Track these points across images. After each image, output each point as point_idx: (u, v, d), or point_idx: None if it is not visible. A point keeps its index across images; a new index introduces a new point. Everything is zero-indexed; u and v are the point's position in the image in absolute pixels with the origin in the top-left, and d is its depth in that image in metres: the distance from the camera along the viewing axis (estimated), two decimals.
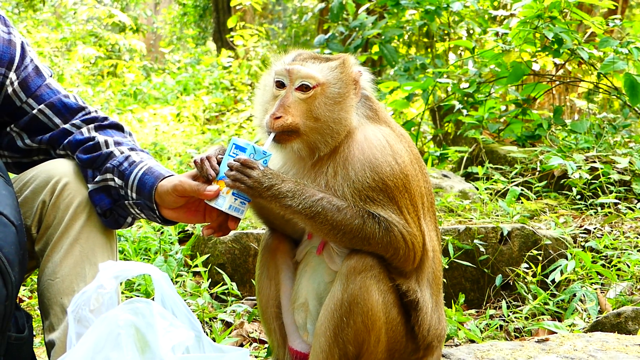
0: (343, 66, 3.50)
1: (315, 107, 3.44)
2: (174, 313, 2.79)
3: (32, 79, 3.58)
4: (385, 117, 3.63)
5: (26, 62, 3.58)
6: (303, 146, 3.49)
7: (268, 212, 3.66)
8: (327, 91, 3.45)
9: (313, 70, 3.46)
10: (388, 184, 3.38)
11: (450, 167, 9.16)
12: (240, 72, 17.44)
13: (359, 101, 3.55)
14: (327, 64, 3.49)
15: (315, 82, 3.44)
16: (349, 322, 3.35)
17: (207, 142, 12.94)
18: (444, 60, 11.99)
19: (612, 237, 5.85)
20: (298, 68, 3.46)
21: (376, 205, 3.37)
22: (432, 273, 3.62)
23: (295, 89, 3.46)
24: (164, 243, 5.73)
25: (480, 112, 8.92)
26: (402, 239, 3.36)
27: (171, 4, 32.49)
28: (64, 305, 3.32)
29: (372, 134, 3.48)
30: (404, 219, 3.39)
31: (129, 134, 3.67)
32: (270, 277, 3.78)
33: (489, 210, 6.39)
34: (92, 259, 3.40)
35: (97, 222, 3.46)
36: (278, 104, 3.45)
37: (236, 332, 4.87)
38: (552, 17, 8.31)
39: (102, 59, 21.31)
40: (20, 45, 3.58)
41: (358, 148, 3.44)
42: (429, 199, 3.66)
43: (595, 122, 8.55)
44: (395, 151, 3.45)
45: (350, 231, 3.32)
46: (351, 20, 12.33)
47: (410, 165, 3.50)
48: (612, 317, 4.49)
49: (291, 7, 30.38)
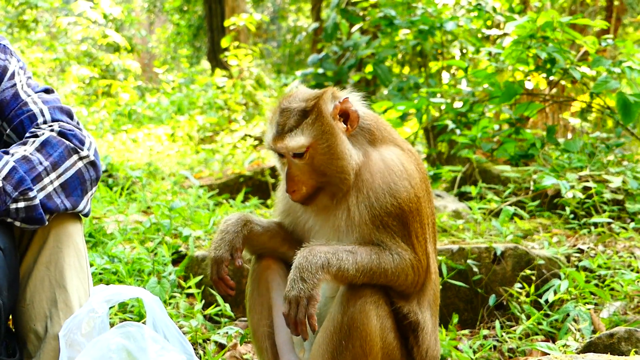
0: (320, 116, 3.48)
1: (316, 166, 3.48)
2: (165, 336, 2.79)
3: (8, 103, 3.56)
4: (389, 135, 3.64)
5: (7, 86, 3.57)
6: (325, 197, 3.55)
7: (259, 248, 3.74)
8: (318, 149, 3.47)
9: (298, 139, 3.46)
10: (404, 209, 3.42)
11: (443, 186, 9.16)
12: (234, 91, 17.45)
13: (355, 128, 3.56)
14: (305, 121, 3.47)
15: (304, 148, 3.46)
16: (348, 345, 3.35)
17: (201, 161, 12.94)
18: (437, 79, 12.02)
19: (606, 257, 5.85)
20: (284, 145, 3.48)
21: (387, 232, 3.40)
22: (433, 294, 3.65)
23: (292, 157, 3.50)
24: (157, 264, 5.72)
25: (474, 131, 8.93)
26: (410, 266, 3.40)
27: (165, 24, 32.61)
28: (38, 331, 3.30)
29: (389, 157, 3.52)
30: (411, 245, 3.43)
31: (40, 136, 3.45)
32: (262, 295, 3.79)
33: (483, 230, 6.39)
34: (60, 281, 3.35)
35: (63, 242, 3.41)
36: (286, 180, 3.53)
37: (229, 353, 4.85)
38: (544, 36, 8.35)
39: (97, 79, 21.31)
40: (10, 71, 3.58)
41: (378, 174, 3.47)
42: (432, 219, 3.68)
43: (588, 141, 8.57)
44: (409, 174, 3.49)
45: (368, 271, 3.36)
46: (345, 40, 12.40)
47: (420, 185, 3.53)
48: (605, 338, 4.47)
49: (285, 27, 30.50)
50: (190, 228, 6.44)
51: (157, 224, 6.55)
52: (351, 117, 3.53)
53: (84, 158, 3.46)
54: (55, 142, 3.40)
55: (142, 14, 31.92)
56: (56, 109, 3.57)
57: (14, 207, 3.22)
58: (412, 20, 11.29)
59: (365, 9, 12.81)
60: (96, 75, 21.31)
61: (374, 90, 14.55)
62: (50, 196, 3.31)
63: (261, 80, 18.38)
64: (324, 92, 3.56)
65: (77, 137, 3.47)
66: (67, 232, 3.44)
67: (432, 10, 11.52)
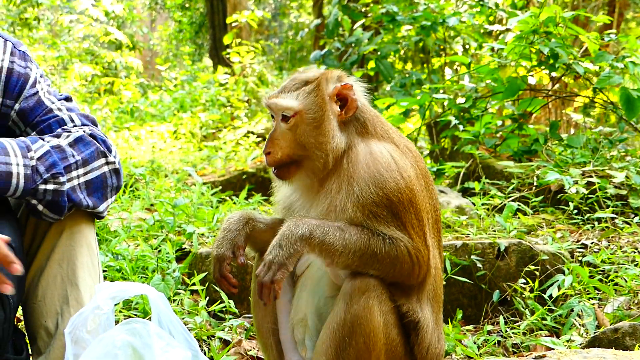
0: (318, 89, 3.52)
1: (298, 135, 3.50)
2: (170, 333, 2.79)
3: (32, 110, 3.56)
4: (384, 133, 3.61)
5: (30, 93, 3.58)
6: (303, 175, 3.55)
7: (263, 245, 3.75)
8: (304, 118, 3.49)
9: (288, 101, 3.50)
10: (392, 200, 3.38)
11: (447, 182, 9.16)
12: (236, 88, 17.45)
13: (351, 115, 3.56)
14: (303, 88, 3.53)
15: (292, 112, 3.49)
16: (351, 342, 3.34)
17: (204, 159, 12.95)
18: (440, 75, 12.02)
19: (609, 252, 5.84)
20: (275, 101, 3.53)
21: (379, 222, 3.37)
22: (432, 290, 3.63)
23: (280, 120, 3.52)
24: (161, 261, 5.72)
25: (477, 127, 8.93)
26: (407, 253, 3.36)
27: (167, 21, 32.60)
28: (49, 328, 3.32)
29: (377, 149, 3.49)
30: (407, 234, 3.39)
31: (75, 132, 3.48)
32: None
33: (486, 226, 6.38)
34: (72, 279, 3.38)
35: (76, 240, 3.44)
36: (267, 139, 3.55)
37: (234, 350, 4.85)
38: (547, 32, 8.34)
39: (99, 76, 21.34)
40: (32, 79, 3.59)
41: (362, 164, 3.45)
42: (434, 215, 3.66)
43: (591, 137, 8.56)
44: (400, 166, 3.45)
45: (358, 250, 3.34)
46: (347, 36, 12.40)
47: (416, 180, 3.50)
48: (609, 332, 4.48)
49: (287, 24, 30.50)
50: (194, 225, 6.44)
51: (161, 221, 6.55)
52: (349, 104, 3.54)
53: (110, 163, 3.51)
54: (88, 140, 3.45)
55: (144, 12, 31.91)
56: (82, 116, 3.61)
57: (43, 188, 3.25)
58: (415, 16, 11.28)
59: (367, 5, 12.82)
60: (98, 73, 21.34)
61: (377, 86, 14.56)
62: (74, 189, 3.34)
63: (263, 77, 18.38)
64: (331, 71, 3.60)
65: (106, 143, 3.53)
66: (81, 230, 3.47)
67: (435, 6, 11.51)
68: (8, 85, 3.51)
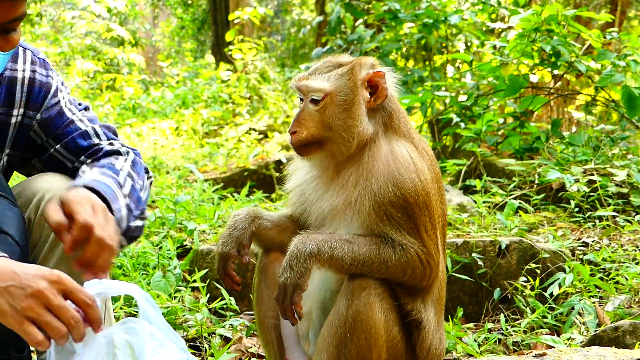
0: (351, 72, 3.51)
1: (326, 117, 3.48)
2: None
3: (54, 120, 3.55)
4: (407, 129, 3.61)
5: (52, 103, 3.57)
6: (324, 157, 3.55)
7: (268, 242, 3.77)
8: (335, 100, 3.48)
9: (320, 83, 3.50)
10: (409, 201, 3.37)
11: (448, 180, 9.16)
12: (238, 85, 17.45)
13: (379, 104, 3.56)
14: (336, 71, 3.52)
15: (323, 94, 3.48)
16: (353, 338, 3.35)
17: (205, 155, 12.95)
18: (441, 73, 12.02)
19: (610, 250, 5.84)
20: (305, 84, 3.52)
21: (392, 224, 3.38)
22: (437, 293, 3.64)
23: (309, 102, 3.51)
24: (162, 258, 5.72)
25: (478, 125, 8.92)
26: (417, 259, 3.38)
27: (169, 18, 32.60)
28: None
29: (398, 149, 3.48)
30: (419, 238, 3.41)
31: (125, 154, 3.59)
32: (269, 287, 3.76)
33: (487, 224, 6.38)
34: (79, 278, 3.38)
35: None
36: (294, 119, 3.53)
37: (235, 347, 4.86)
38: (549, 30, 8.34)
39: (101, 73, 21.35)
40: (54, 87, 3.58)
41: (383, 162, 3.44)
42: (443, 219, 3.67)
43: (593, 135, 8.56)
44: (418, 168, 3.44)
45: (367, 261, 3.35)
46: (349, 33, 12.37)
47: (432, 184, 3.50)
48: (609, 331, 4.48)
49: (290, 20, 30.47)
50: (195, 222, 6.45)
51: (162, 217, 6.56)
52: (379, 91, 3.52)
53: (150, 178, 3.56)
54: (137, 161, 3.47)
55: (146, 8, 31.91)
56: (104, 127, 3.60)
57: (134, 225, 3.24)
58: (417, 14, 11.28)
59: (370, 2, 12.81)
60: (100, 69, 21.36)
61: None
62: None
63: (265, 74, 18.37)
64: (365, 57, 3.60)
65: (139, 154, 3.53)
66: None
67: (437, 4, 11.51)
68: (30, 97, 3.49)
